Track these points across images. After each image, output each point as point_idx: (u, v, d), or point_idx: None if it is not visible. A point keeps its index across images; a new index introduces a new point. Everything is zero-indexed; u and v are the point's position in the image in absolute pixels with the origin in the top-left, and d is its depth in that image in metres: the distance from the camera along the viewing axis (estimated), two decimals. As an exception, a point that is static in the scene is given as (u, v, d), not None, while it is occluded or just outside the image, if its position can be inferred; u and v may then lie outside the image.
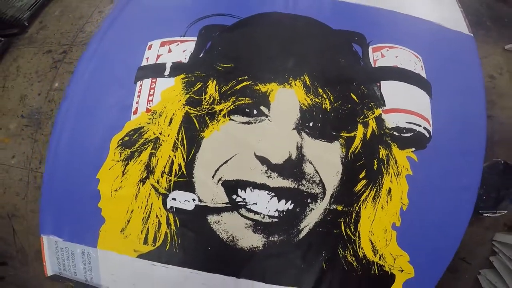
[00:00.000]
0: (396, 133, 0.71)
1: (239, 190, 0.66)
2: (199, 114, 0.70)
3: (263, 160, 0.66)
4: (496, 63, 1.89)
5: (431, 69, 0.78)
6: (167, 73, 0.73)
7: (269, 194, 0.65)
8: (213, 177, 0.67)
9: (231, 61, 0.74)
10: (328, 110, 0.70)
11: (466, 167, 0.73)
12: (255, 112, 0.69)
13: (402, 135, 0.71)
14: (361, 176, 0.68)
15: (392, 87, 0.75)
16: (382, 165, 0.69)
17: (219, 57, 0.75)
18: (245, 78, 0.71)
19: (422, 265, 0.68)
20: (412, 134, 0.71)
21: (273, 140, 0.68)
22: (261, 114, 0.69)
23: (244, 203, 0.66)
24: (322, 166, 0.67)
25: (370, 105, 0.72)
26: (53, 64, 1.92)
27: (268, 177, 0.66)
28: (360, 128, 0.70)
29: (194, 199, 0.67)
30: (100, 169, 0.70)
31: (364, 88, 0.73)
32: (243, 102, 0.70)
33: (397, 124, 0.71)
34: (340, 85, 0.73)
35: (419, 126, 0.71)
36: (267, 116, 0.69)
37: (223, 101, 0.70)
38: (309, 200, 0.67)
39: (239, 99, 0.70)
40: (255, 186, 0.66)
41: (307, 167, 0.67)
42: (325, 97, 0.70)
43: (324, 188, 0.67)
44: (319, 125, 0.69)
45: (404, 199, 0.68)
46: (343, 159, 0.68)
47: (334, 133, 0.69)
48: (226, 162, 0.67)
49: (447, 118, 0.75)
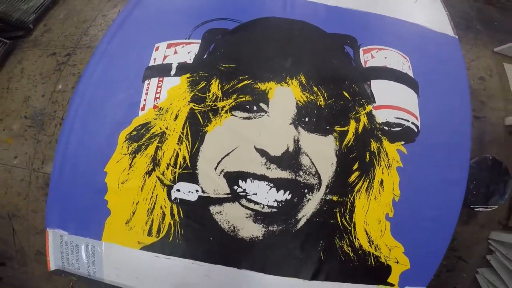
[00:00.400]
0: (386, 128, 0.74)
1: (240, 181, 0.68)
2: (203, 110, 0.73)
3: (263, 153, 0.69)
4: (486, 65, 1.95)
5: (418, 69, 0.82)
6: (173, 73, 0.77)
7: (268, 185, 0.68)
8: (216, 169, 0.70)
9: (233, 62, 0.78)
10: (323, 107, 0.73)
11: (454, 160, 0.77)
12: (255, 109, 0.73)
13: (392, 130, 0.74)
14: (355, 168, 0.71)
15: (382, 86, 0.79)
16: (374, 157, 0.72)
17: (222, 58, 0.79)
18: (246, 77, 0.75)
19: (417, 257, 0.70)
20: (401, 129, 0.75)
21: (272, 134, 0.71)
22: (261, 110, 0.73)
23: (245, 194, 0.68)
24: (318, 158, 0.70)
25: (361, 102, 0.75)
26: (57, 67, 1.94)
27: (267, 169, 0.69)
28: (353, 123, 0.73)
29: (198, 190, 0.69)
30: (108, 162, 0.72)
31: (356, 87, 0.77)
32: (244, 99, 0.73)
33: (387, 119, 0.75)
34: (333, 84, 0.76)
35: (408, 121, 0.75)
36: (266, 112, 0.73)
37: (225, 98, 0.73)
38: (306, 191, 0.69)
39: (240, 97, 0.73)
40: (255, 177, 0.68)
41: (304, 159, 0.70)
42: (320, 95, 0.74)
43: (320, 179, 0.70)
44: (314, 120, 0.72)
45: (396, 190, 0.71)
46: (337, 152, 0.71)
47: (328, 128, 0.72)
48: (228, 155, 0.70)
49: (434, 114, 0.78)
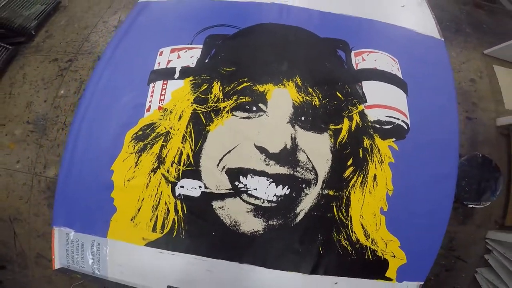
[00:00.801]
0: (378, 125, 0.78)
1: (241, 177, 0.71)
2: (205, 111, 0.77)
3: (262, 150, 0.72)
4: (476, 68, 2.00)
5: (407, 70, 0.86)
6: (177, 76, 0.81)
7: (268, 180, 0.71)
8: (218, 166, 0.72)
9: (233, 66, 0.82)
10: (317, 106, 0.77)
11: (443, 156, 0.79)
12: (254, 109, 0.77)
13: (383, 127, 0.78)
14: (349, 163, 0.74)
15: (373, 86, 0.82)
16: (367, 153, 0.75)
17: (222, 62, 0.83)
18: (245, 80, 0.79)
19: (413, 251, 0.72)
20: (392, 126, 0.78)
21: (270, 132, 0.75)
22: (260, 110, 0.76)
23: (246, 189, 0.71)
24: (314, 155, 0.73)
25: (354, 102, 0.79)
26: (59, 72, 1.96)
27: (267, 165, 0.72)
28: (346, 122, 0.77)
29: (201, 186, 0.71)
30: (115, 161, 0.74)
31: (348, 87, 0.81)
32: (244, 100, 0.77)
33: (378, 118, 0.78)
34: (327, 85, 0.80)
35: (398, 119, 0.79)
36: (265, 112, 0.76)
37: (226, 100, 0.77)
38: (304, 186, 0.72)
39: (240, 98, 0.77)
40: (255, 173, 0.71)
41: (301, 156, 0.73)
42: (314, 95, 0.78)
43: (317, 174, 0.73)
44: (310, 119, 0.76)
45: (389, 185, 0.74)
46: (332, 148, 0.75)
47: (323, 126, 0.76)
48: (229, 152, 0.73)
49: (423, 112, 0.81)
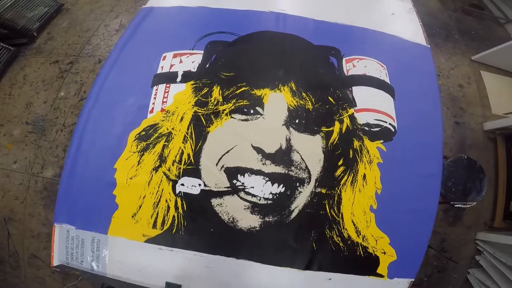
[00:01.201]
0: (367, 128, 0.82)
1: (239, 176, 0.74)
2: (206, 113, 0.80)
3: (259, 150, 0.76)
4: (465, 73, 2.06)
5: (394, 76, 0.91)
6: (179, 80, 0.85)
7: (264, 179, 0.74)
8: (217, 165, 0.75)
9: (232, 71, 0.86)
10: (311, 110, 0.81)
11: (428, 157, 0.83)
12: (252, 112, 0.81)
13: (372, 130, 0.82)
14: (340, 163, 0.78)
15: (362, 91, 0.87)
16: (357, 154, 0.79)
17: (222, 67, 0.87)
18: (244, 84, 0.83)
19: (403, 248, 0.74)
20: (380, 129, 0.83)
21: (267, 134, 0.78)
22: (257, 113, 0.80)
23: (243, 187, 0.74)
24: (307, 155, 0.77)
25: (344, 106, 0.84)
26: (60, 74, 1.97)
27: (263, 164, 0.75)
28: (337, 124, 0.81)
29: (200, 184, 0.74)
30: (118, 160, 0.77)
31: (339, 92, 0.86)
32: (242, 104, 0.81)
33: (367, 121, 0.83)
34: (320, 90, 0.85)
35: (385, 123, 0.83)
36: (262, 115, 0.80)
37: (226, 103, 0.81)
38: (298, 184, 0.75)
39: (239, 101, 0.81)
40: (252, 172, 0.74)
41: (295, 156, 0.77)
42: (308, 100, 0.83)
43: (310, 174, 0.76)
44: (304, 122, 0.80)
45: (378, 184, 0.77)
46: (324, 149, 0.79)
47: (316, 128, 0.80)
48: (228, 152, 0.76)
49: (409, 116, 0.86)
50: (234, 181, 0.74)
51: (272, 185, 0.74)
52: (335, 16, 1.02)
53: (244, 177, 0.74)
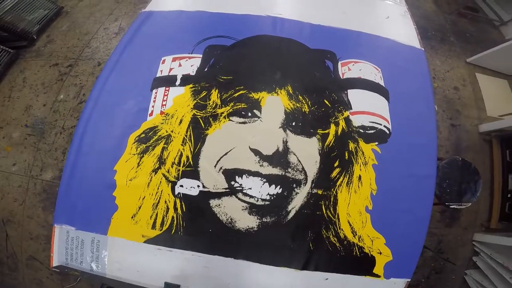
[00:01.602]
0: (362, 130, 0.83)
1: (237, 177, 0.75)
2: (204, 116, 0.82)
3: (256, 152, 0.77)
4: (460, 76, 2.08)
5: (389, 78, 0.92)
6: (178, 83, 0.86)
7: (262, 180, 0.75)
8: (215, 167, 0.76)
9: (230, 74, 0.87)
10: (307, 113, 0.83)
11: (422, 158, 0.84)
12: (249, 114, 0.82)
13: (367, 132, 0.83)
14: (336, 165, 0.79)
15: (357, 94, 0.88)
16: (352, 156, 0.80)
17: (221, 71, 0.88)
18: (241, 88, 0.84)
19: (398, 249, 0.75)
20: (375, 131, 0.84)
21: (264, 136, 0.79)
22: (254, 116, 0.82)
23: (241, 188, 0.75)
24: (304, 157, 0.78)
25: (340, 109, 0.85)
26: (59, 77, 1.98)
27: (261, 166, 0.76)
28: (333, 127, 0.83)
29: (199, 185, 0.75)
30: (118, 162, 0.78)
31: (335, 95, 0.87)
32: (240, 107, 0.82)
33: (362, 123, 0.84)
34: (316, 93, 0.86)
35: (380, 125, 0.84)
36: (259, 117, 0.82)
37: (224, 106, 0.82)
38: (294, 185, 0.76)
39: (237, 104, 0.82)
40: (250, 174, 0.75)
41: (292, 158, 0.78)
42: (304, 103, 0.84)
43: (306, 175, 0.77)
44: (300, 124, 0.81)
45: (373, 185, 0.78)
46: (320, 151, 0.80)
47: (312, 131, 0.81)
48: (226, 154, 0.77)
49: (403, 118, 0.87)
50: (232, 183, 0.75)
51: (270, 186, 0.75)
52: (331, 20, 1.04)
53: (242, 179, 0.75)
